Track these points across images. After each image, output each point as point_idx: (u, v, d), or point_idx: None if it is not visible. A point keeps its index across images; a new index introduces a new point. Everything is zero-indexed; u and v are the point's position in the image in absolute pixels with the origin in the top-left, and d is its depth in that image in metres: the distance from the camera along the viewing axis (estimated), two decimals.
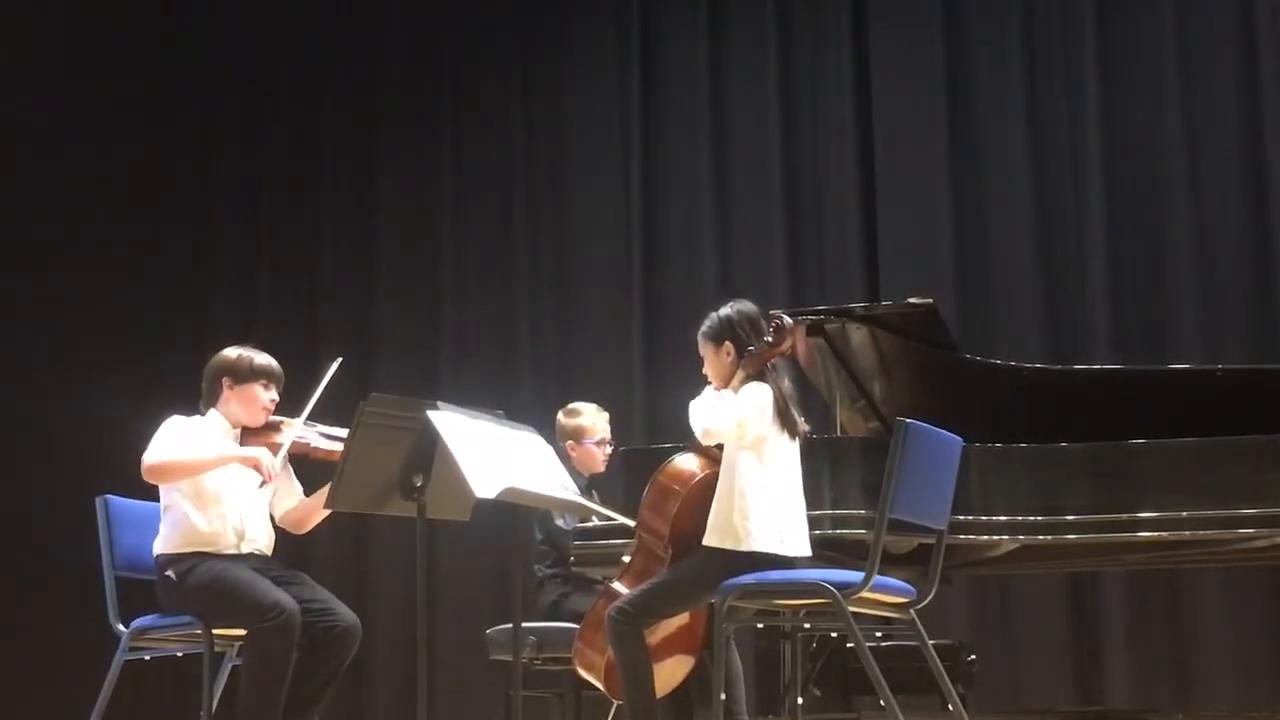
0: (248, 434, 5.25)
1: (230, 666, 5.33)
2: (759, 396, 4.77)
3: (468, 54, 9.68)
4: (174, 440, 5.10)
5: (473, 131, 9.60)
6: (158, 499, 5.45)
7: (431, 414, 4.61)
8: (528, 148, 9.48)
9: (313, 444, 5.14)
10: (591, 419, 6.39)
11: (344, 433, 5.11)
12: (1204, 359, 7.74)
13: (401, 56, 9.78)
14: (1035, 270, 8.47)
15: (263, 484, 5.13)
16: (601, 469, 6.35)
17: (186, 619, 5.08)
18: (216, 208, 9.88)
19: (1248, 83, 8.26)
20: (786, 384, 4.86)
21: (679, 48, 9.27)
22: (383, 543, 9.00)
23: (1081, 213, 8.42)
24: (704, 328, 4.98)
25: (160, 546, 5.15)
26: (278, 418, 5.28)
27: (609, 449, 6.36)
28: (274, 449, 5.17)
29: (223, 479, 5.14)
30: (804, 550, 4.83)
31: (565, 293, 9.28)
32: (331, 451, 5.10)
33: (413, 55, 9.76)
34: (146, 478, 5.08)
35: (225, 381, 5.24)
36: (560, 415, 6.41)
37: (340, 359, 5.17)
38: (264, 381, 5.26)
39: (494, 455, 4.64)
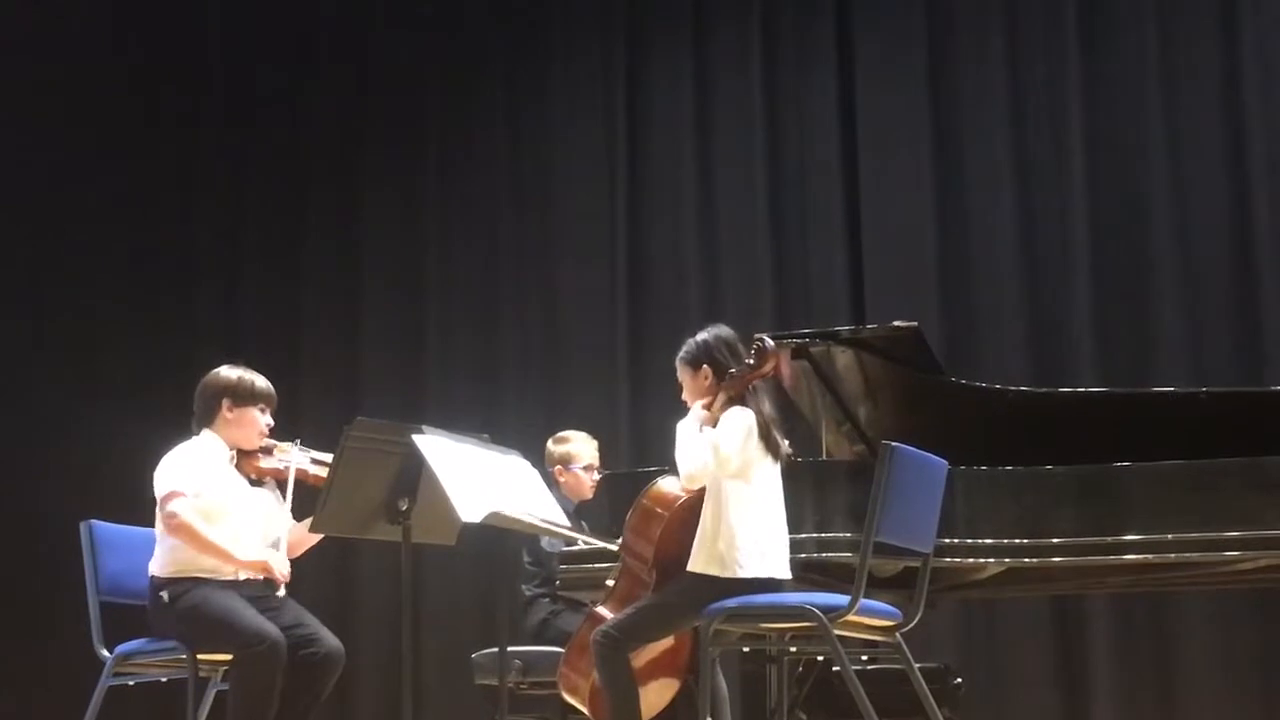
0: (241, 456, 5.25)
1: (215, 692, 5.31)
2: (740, 425, 4.76)
3: (452, 75, 9.68)
4: (190, 481, 5.08)
5: (457, 154, 9.59)
6: (141, 524, 5.44)
7: (417, 438, 4.61)
8: (512, 171, 9.48)
9: (310, 472, 5.16)
10: (579, 446, 6.43)
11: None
12: (1188, 382, 7.75)
13: (385, 77, 9.78)
14: (1020, 294, 8.48)
15: (278, 588, 5.13)
16: (589, 495, 6.38)
17: (171, 644, 5.08)
18: (200, 232, 9.85)
19: (1232, 100, 8.27)
20: (768, 407, 4.87)
21: (664, 64, 9.28)
22: (368, 567, 8.98)
23: (1066, 236, 8.43)
24: (681, 353, 4.99)
25: (156, 568, 5.14)
26: (270, 441, 5.29)
27: (597, 475, 6.39)
28: (269, 473, 5.21)
29: (228, 505, 5.15)
30: (784, 574, 4.82)
31: (550, 316, 9.28)
32: (323, 478, 5.11)
33: (396, 76, 9.76)
34: (163, 520, 5.06)
35: (225, 403, 5.24)
36: (550, 442, 6.45)
37: (299, 439, 5.19)
38: (262, 405, 5.28)
39: (480, 479, 4.64)
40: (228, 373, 5.31)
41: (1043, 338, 8.44)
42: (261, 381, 5.31)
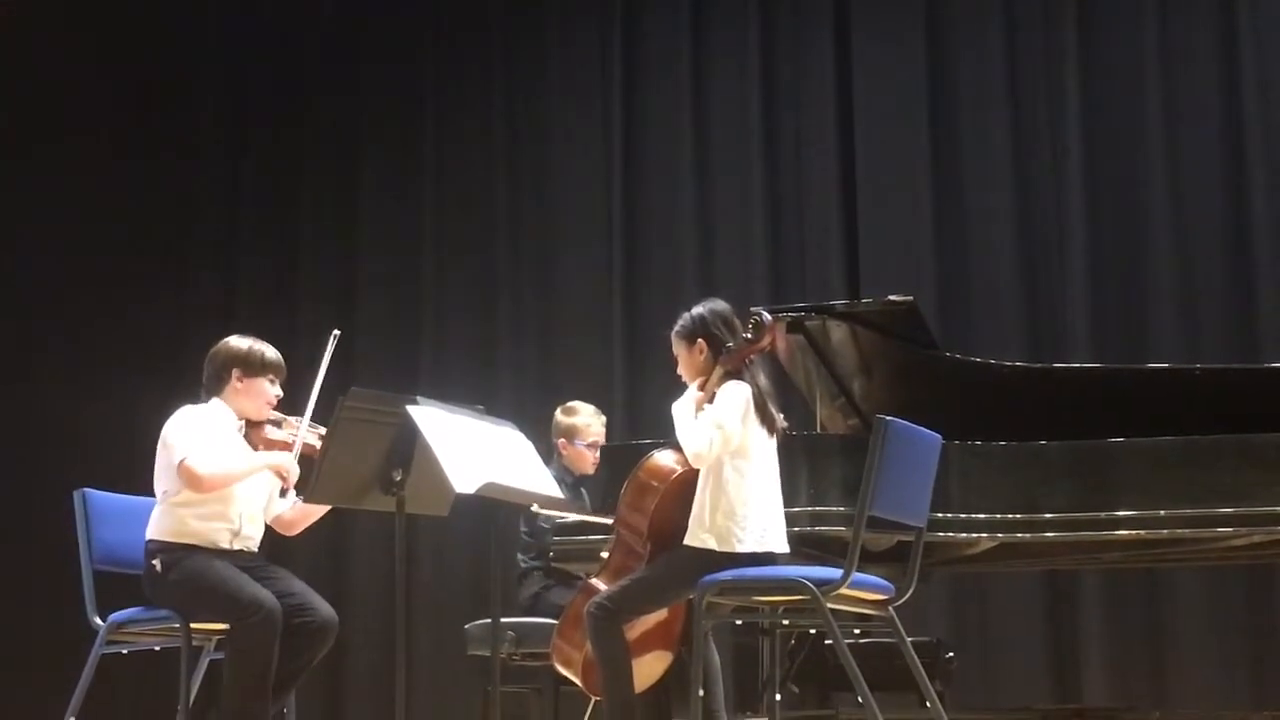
0: (250, 427, 5.24)
1: (208, 660, 5.32)
2: (737, 400, 4.76)
3: (450, 51, 9.65)
4: (206, 440, 5.06)
5: (455, 128, 9.57)
6: (135, 493, 5.43)
7: (411, 409, 4.61)
8: (510, 146, 9.46)
9: (318, 446, 5.10)
10: (587, 420, 6.41)
11: None
12: (1182, 358, 7.77)
13: (382, 53, 9.75)
14: (1015, 269, 8.49)
15: (284, 491, 5.13)
16: (590, 471, 6.37)
17: (164, 613, 5.07)
18: (198, 205, 9.83)
19: (1228, 85, 8.29)
20: (764, 380, 4.87)
21: (661, 46, 9.26)
22: (362, 538, 8.99)
23: (1062, 212, 8.45)
24: (677, 327, 4.98)
25: (153, 532, 5.12)
26: (278, 415, 5.27)
27: (598, 453, 6.37)
28: (277, 445, 5.18)
29: None
30: (782, 547, 4.83)
31: (546, 290, 9.27)
32: None
33: (394, 53, 9.73)
34: (189, 486, 5.02)
35: (235, 373, 5.21)
36: (559, 412, 6.42)
37: (338, 332, 5.17)
38: (272, 376, 5.25)
39: (474, 450, 4.64)
40: (238, 342, 5.28)
41: (1038, 313, 8.45)
42: (271, 352, 5.28)
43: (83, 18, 9.27)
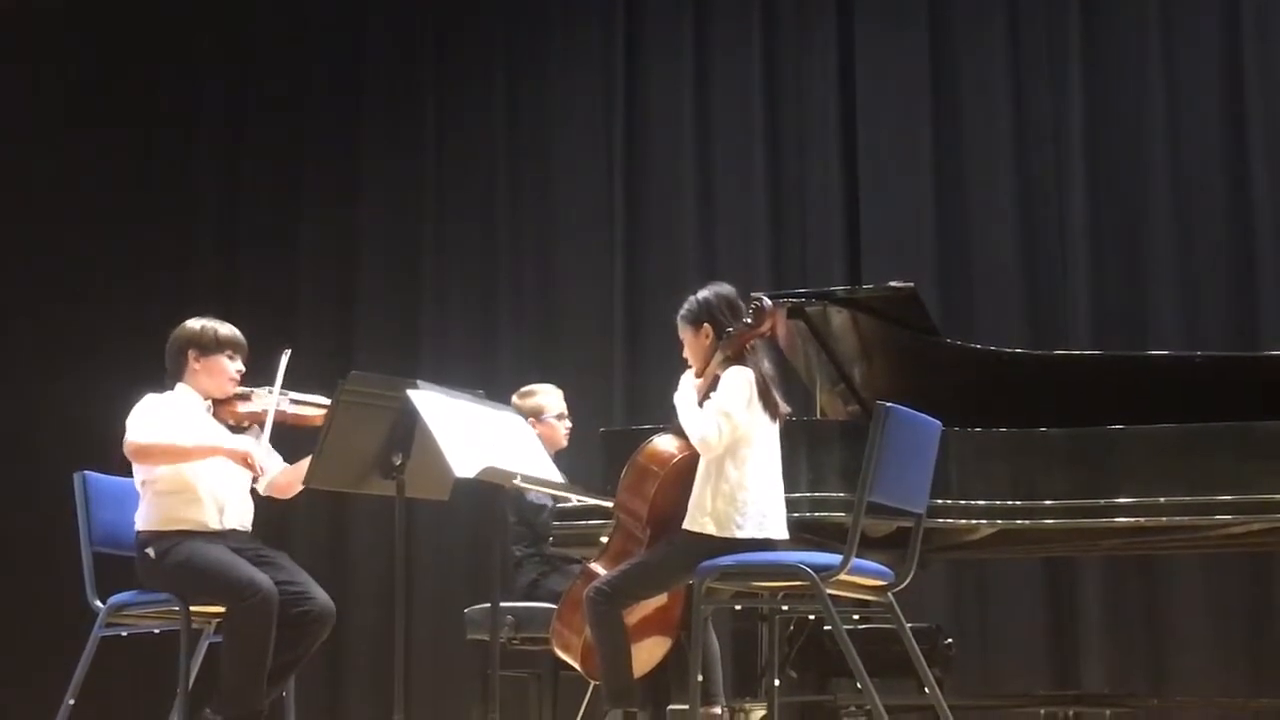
0: (218, 405, 5.25)
1: (208, 643, 5.32)
2: (741, 386, 4.76)
3: (451, 35, 9.64)
4: (158, 420, 5.08)
5: (456, 113, 9.56)
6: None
7: (411, 393, 4.61)
8: (510, 131, 9.44)
9: (289, 412, 5.17)
10: (548, 397, 6.45)
11: (314, 398, 5.15)
12: (1183, 345, 7.77)
13: (384, 38, 9.74)
14: (1017, 256, 8.48)
15: (255, 479, 5.14)
16: (564, 444, 6.40)
17: (164, 595, 5.08)
18: (197, 188, 9.82)
19: (1231, 72, 8.28)
20: (766, 365, 4.87)
21: (664, 33, 9.24)
22: (361, 521, 8.99)
23: (1063, 199, 8.43)
24: (682, 311, 4.98)
25: (141, 523, 5.14)
26: (245, 388, 5.28)
27: (568, 424, 6.42)
28: (247, 419, 5.21)
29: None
30: (781, 533, 4.83)
31: (547, 275, 9.26)
32: (303, 416, 5.13)
33: (396, 37, 9.72)
34: (131, 458, 5.07)
35: (191, 354, 5.23)
36: (515, 398, 6.42)
37: (290, 349, 5.18)
38: (229, 352, 5.26)
39: (474, 435, 4.65)
40: (191, 324, 5.29)
41: (1039, 300, 8.44)
42: (226, 329, 5.29)
43: (81, 11, 9.27)
